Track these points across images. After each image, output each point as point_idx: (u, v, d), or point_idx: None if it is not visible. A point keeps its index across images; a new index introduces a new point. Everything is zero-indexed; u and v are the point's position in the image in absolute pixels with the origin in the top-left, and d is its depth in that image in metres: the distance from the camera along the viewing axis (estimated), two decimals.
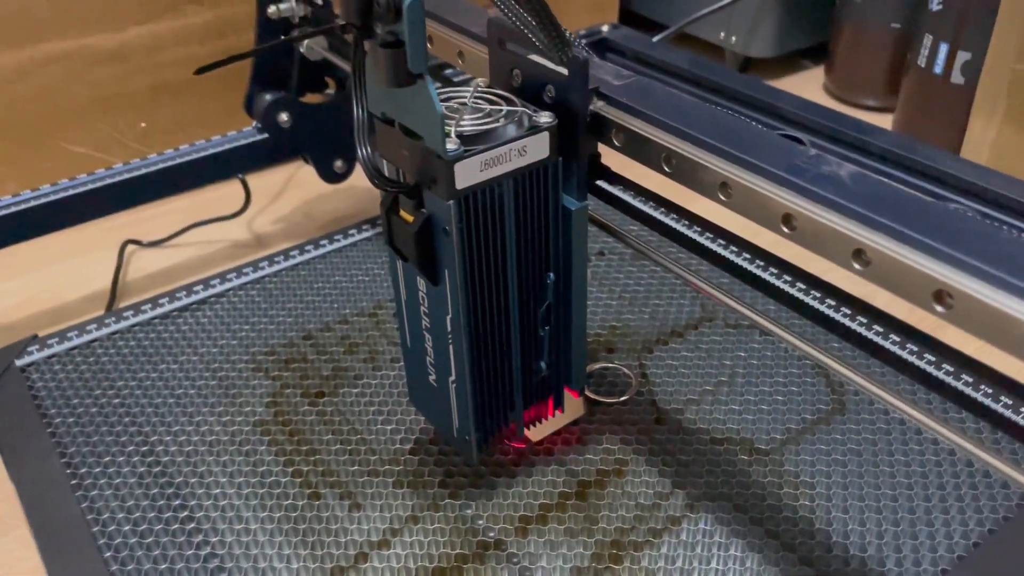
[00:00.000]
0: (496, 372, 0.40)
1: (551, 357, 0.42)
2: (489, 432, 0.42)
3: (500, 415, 0.42)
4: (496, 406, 0.41)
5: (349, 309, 0.57)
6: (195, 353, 0.53)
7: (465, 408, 0.40)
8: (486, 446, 0.42)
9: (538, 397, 0.44)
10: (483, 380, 0.40)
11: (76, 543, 0.42)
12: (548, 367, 0.43)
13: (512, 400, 0.42)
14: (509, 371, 0.41)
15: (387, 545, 0.42)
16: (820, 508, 0.43)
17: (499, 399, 0.41)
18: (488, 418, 0.41)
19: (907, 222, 0.28)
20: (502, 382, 0.41)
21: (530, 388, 0.43)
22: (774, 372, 0.51)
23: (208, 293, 0.58)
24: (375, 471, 0.45)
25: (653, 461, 0.45)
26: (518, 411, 0.43)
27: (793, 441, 0.46)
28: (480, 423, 0.41)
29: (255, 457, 0.46)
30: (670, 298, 0.57)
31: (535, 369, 0.42)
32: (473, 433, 0.41)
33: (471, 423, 0.41)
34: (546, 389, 0.44)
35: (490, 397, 0.41)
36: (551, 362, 0.43)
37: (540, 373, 0.43)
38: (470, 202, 0.34)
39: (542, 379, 0.43)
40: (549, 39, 0.33)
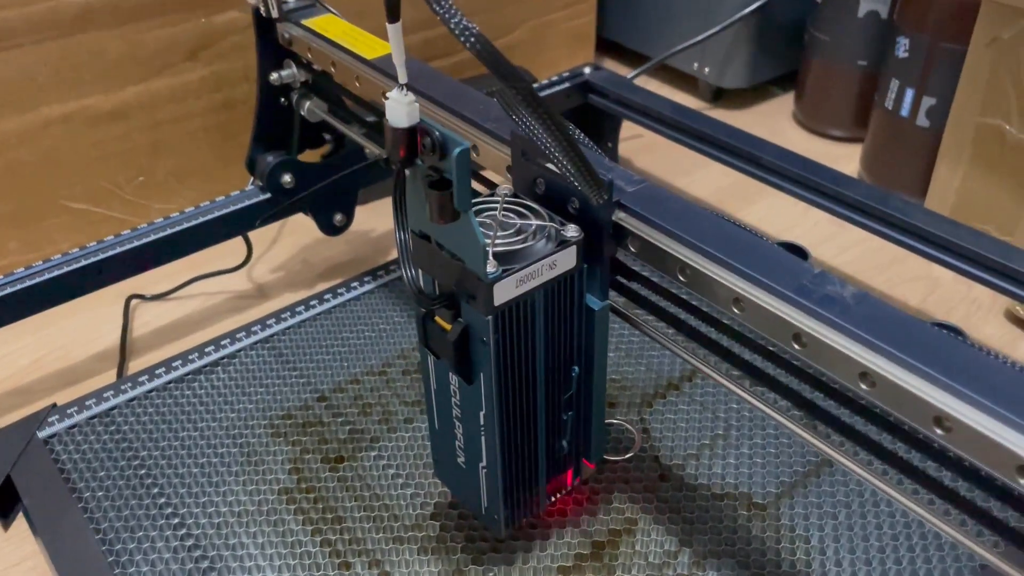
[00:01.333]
0: (524, 457, 0.43)
1: (572, 436, 0.45)
2: (516, 508, 0.45)
3: (526, 492, 0.45)
4: (523, 486, 0.44)
5: (359, 368, 0.59)
6: (213, 419, 0.55)
7: (496, 491, 0.43)
8: (513, 521, 0.45)
9: (559, 470, 0.47)
10: (511, 465, 0.42)
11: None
12: (569, 444, 0.46)
13: (537, 478, 0.45)
14: (535, 454, 0.44)
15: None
16: (816, 562, 0.46)
17: (526, 479, 0.44)
18: (515, 496, 0.44)
19: (908, 349, 0.31)
20: (529, 465, 0.44)
21: (552, 465, 0.46)
22: (766, 424, 0.54)
23: (220, 355, 0.60)
24: (400, 538, 0.48)
25: (660, 519, 0.49)
26: (541, 487, 0.46)
27: (787, 494, 0.50)
28: (508, 501, 0.44)
29: (283, 527, 0.49)
30: (663, 350, 0.60)
31: (557, 448, 0.45)
32: (502, 512, 0.44)
33: (500, 502, 0.43)
34: (566, 463, 0.47)
35: (518, 479, 0.43)
36: (572, 439, 0.46)
37: (563, 451, 0.46)
38: (506, 315, 0.37)
39: (564, 455, 0.46)
40: (584, 182, 0.36)
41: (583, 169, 0.35)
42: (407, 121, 0.32)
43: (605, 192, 0.36)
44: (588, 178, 0.35)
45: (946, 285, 0.68)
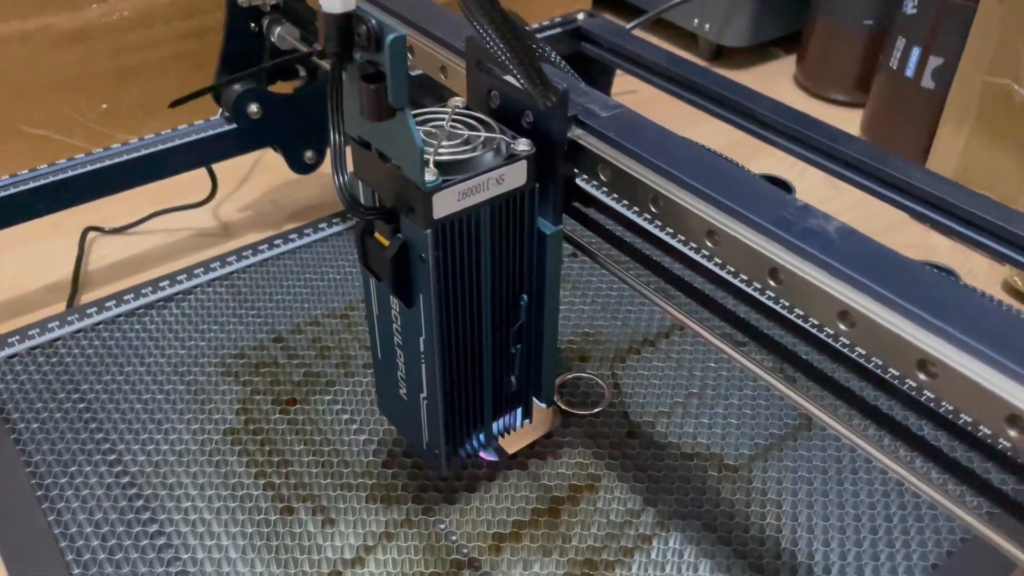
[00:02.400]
0: (467, 389, 0.40)
1: (522, 372, 0.43)
2: (459, 445, 0.42)
3: (470, 428, 0.42)
4: (466, 420, 0.41)
5: (320, 310, 0.56)
6: (162, 355, 0.52)
7: (436, 423, 0.40)
8: (456, 459, 0.43)
9: (507, 408, 0.44)
10: (454, 397, 0.40)
11: (44, 559, 0.41)
12: (518, 381, 0.43)
13: (482, 414, 0.42)
14: (480, 388, 0.41)
15: (361, 563, 0.42)
16: (787, 527, 0.44)
17: (469, 414, 0.41)
18: (458, 432, 0.41)
19: (893, 286, 0.28)
20: (473, 398, 0.41)
21: (500, 402, 0.43)
22: (743, 385, 0.51)
23: (175, 290, 0.57)
24: (348, 484, 0.45)
25: (625, 477, 0.46)
26: (487, 424, 0.43)
27: (761, 457, 0.47)
28: (450, 437, 0.41)
29: (226, 468, 0.46)
30: (642, 305, 0.57)
31: (505, 384, 0.42)
32: (443, 447, 0.41)
33: (441, 437, 0.41)
34: (515, 402, 0.44)
35: (460, 412, 0.41)
36: (521, 376, 0.43)
37: (511, 388, 0.43)
38: (447, 230, 0.34)
39: (512, 394, 0.43)
40: (531, 83, 0.33)
41: (530, 68, 0.32)
42: (341, 6, 0.29)
43: (553, 94, 0.33)
44: (535, 78, 0.32)
45: (943, 254, 0.65)
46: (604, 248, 0.42)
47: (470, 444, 0.43)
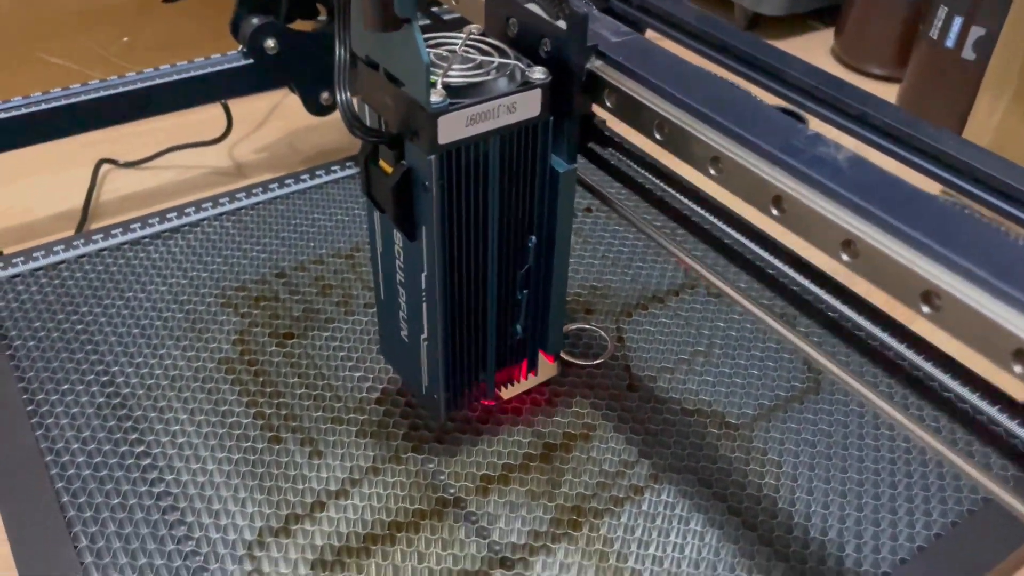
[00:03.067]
0: (469, 333, 0.39)
1: (528, 321, 0.41)
2: (458, 392, 0.41)
3: (471, 375, 0.41)
4: (467, 366, 0.40)
5: (326, 249, 0.55)
6: (164, 283, 0.52)
7: (435, 367, 0.39)
8: (454, 405, 0.42)
9: (511, 359, 0.43)
10: (455, 340, 0.38)
11: (29, 474, 0.41)
12: (524, 331, 0.42)
13: (484, 361, 0.41)
14: (483, 333, 0.40)
15: (345, 495, 0.41)
16: (785, 488, 0.42)
17: (471, 359, 0.40)
18: (458, 377, 0.40)
19: (901, 216, 0.27)
20: (475, 343, 0.40)
21: (504, 350, 0.42)
22: (752, 346, 0.50)
23: (182, 221, 0.56)
24: (339, 419, 0.45)
25: (621, 428, 0.45)
26: (490, 373, 0.42)
27: (764, 417, 0.46)
28: (449, 382, 0.40)
29: (217, 396, 0.45)
30: (654, 262, 0.55)
31: (510, 332, 0.41)
32: (442, 392, 0.40)
33: (440, 382, 0.40)
34: (520, 352, 0.43)
35: (461, 357, 0.40)
36: (527, 326, 0.42)
37: (515, 336, 0.42)
38: (453, 158, 0.33)
39: (517, 342, 0.42)
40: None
41: None
42: None
43: (567, 7, 0.32)
44: None
45: None
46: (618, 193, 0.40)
47: (470, 392, 0.42)
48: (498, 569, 0.38)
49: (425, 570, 0.38)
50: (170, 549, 0.38)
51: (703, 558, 0.39)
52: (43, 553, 0.38)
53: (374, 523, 0.40)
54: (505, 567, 0.39)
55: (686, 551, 0.39)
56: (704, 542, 0.40)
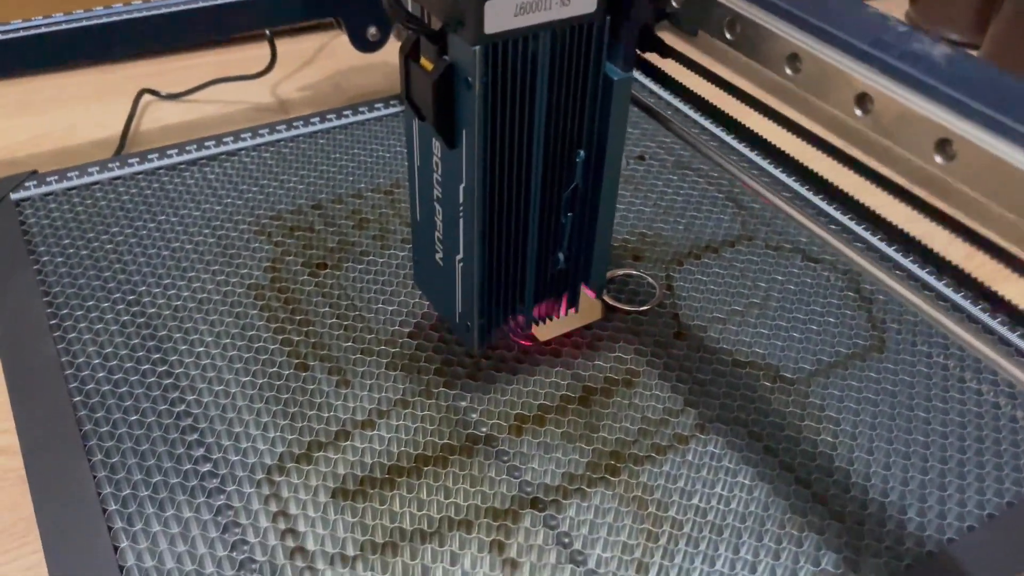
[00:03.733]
0: (508, 256, 0.36)
1: (571, 249, 0.39)
2: (494, 322, 0.39)
3: (508, 305, 0.38)
4: (504, 294, 0.38)
5: (365, 184, 0.53)
6: (197, 208, 0.50)
7: (470, 291, 0.37)
8: (489, 336, 0.39)
9: (551, 292, 0.40)
10: (492, 262, 0.36)
11: (46, 385, 0.39)
12: (566, 260, 0.39)
13: (523, 290, 0.38)
14: (522, 258, 0.37)
15: (371, 426, 0.39)
16: (843, 446, 0.39)
17: (508, 287, 0.38)
18: (494, 306, 0.38)
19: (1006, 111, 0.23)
20: (513, 268, 0.37)
21: (544, 280, 0.39)
22: (812, 301, 0.46)
23: (220, 150, 0.55)
24: (369, 350, 0.42)
25: (667, 376, 0.42)
26: (528, 303, 0.39)
27: (823, 373, 0.43)
28: (485, 309, 0.38)
29: (245, 320, 0.44)
30: (709, 212, 0.52)
31: (552, 260, 0.38)
32: (476, 320, 0.38)
33: (475, 308, 0.37)
34: (561, 285, 0.40)
35: (498, 283, 0.37)
36: (570, 255, 0.39)
37: (557, 265, 0.39)
38: (499, 51, 0.30)
39: (558, 273, 0.39)
40: None
41: None
42: None
43: None
44: None
45: None
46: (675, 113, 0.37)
47: (505, 322, 0.40)
48: (529, 510, 0.36)
49: (451, 506, 0.36)
50: (186, 468, 0.37)
51: (750, 512, 0.36)
52: (56, 466, 0.36)
53: (400, 455, 0.38)
54: (536, 508, 0.36)
55: (732, 504, 0.36)
56: (752, 496, 0.37)
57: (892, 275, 0.29)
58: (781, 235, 0.51)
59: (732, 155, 0.56)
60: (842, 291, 0.47)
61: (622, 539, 0.35)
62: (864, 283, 0.48)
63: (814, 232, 0.31)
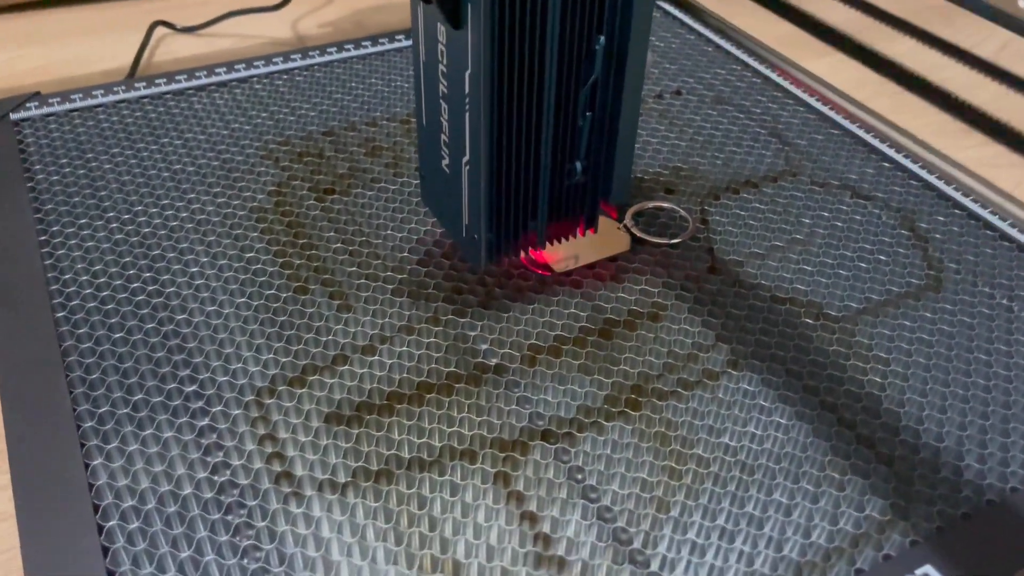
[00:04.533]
0: (519, 160, 0.33)
1: (589, 158, 0.35)
2: (503, 237, 0.35)
3: (519, 219, 0.35)
4: (515, 205, 0.34)
5: (380, 112, 0.50)
6: (203, 132, 0.48)
7: (477, 197, 0.33)
8: (497, 253, 0.36)
9: (568, 210, 0.37)
10: (501, 165, 0.33)
11: (29, 297, 0.37)
12: (584, 171, 0.35)
13: (535, 203, 0.35)
14: (535, 163, 0.34)
15: (372, 351, 0.36)
16: (893, 387, 0.35)
17: (519, 197, 0.34)
18: (503, 217, 0.34)
19: None
20: (525, 174, 0.34)
21: (559, 193, 0.36)
22: (861, 238, 0.42)
23: (230, 76, 0.52)
24: (374, 275, 0.39)
25: (698, 311, 0.38)
26: (541, 217, 0.36)
27: (871, 312, 0.38)
28: (493, 221, 0.34)
29: (244, 243, 0.41)
30: (751, 147, 0.48)
31: (568, 169, 0.35)
32: (484, 232, 0.34)
33: (482, 219, 0.34)
34: (578, 201, 0.37)
35: (508, 191, 0.34)
36: (588, 165, 0.35)
37: (574, 176, 0.35)
38: None
39: (575, 188, 0.36)
40: None
41: None
42: None
43: None
44: None
45: None
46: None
47: (516, 240, 0.36)
48: (539, 442, 0.33)
49: (455, 435, 0.33)
50: (170, 387, 0.34)
51: (786, 453, 0.32)
52: (31, 380, 0.34)
53: (401, 382, 0.34)
54: (548, 440, 0.33)
55: (766, 444, 0.33)
56: (789, 436, 0.33)
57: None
58: (828, 171, 0.47)
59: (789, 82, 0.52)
60: (895, 229, 0.43)
61: (641, 475, 0.31)
62: (920, 222, 0.44)
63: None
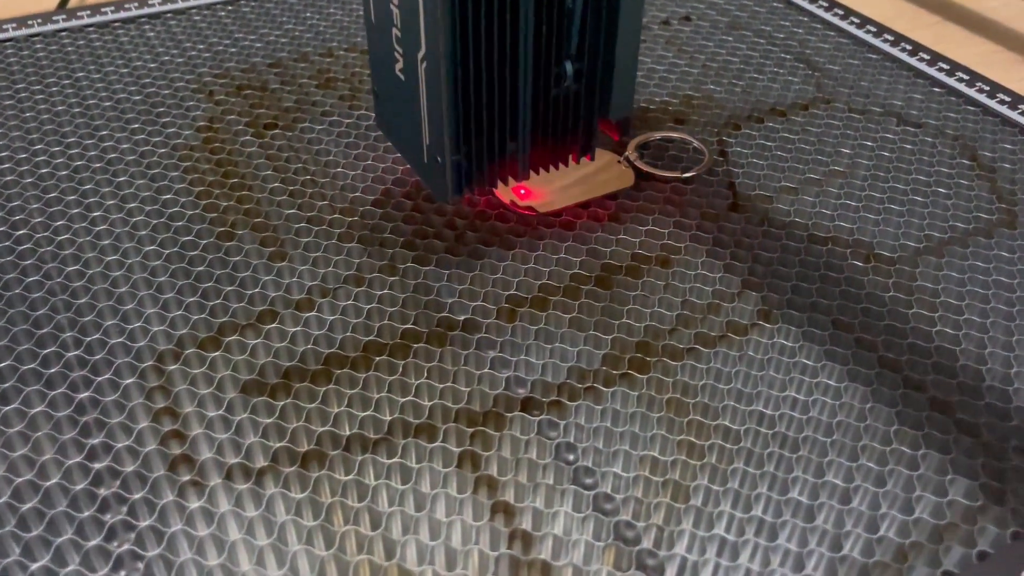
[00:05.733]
0: (490, 56, 0.26)
1: (584, 59, 0.28)
2: (473, 162, 0.28)
3: (493, 137, 0.28)
4: (487, 118, 0.27)
5: (339, 43, 0.43)
6: (127, 66, 0.40)
7: (438, 107, 0.26)
8: (467, 183, 0.28)
9: (557, 129, 0.29)
10: (467, 62, 0.25)
11: None
12: (577, 76, 0.28)
13: (514, 116, 0.28)
14: (512, 61, 0.26)
15: (309, 306, 0.28)
16: (971, 340, 0.27)
17: (492, 107, 0.27)
18: (473, 133, 0.27)
19: None
20: (499, 76, 0.26)
21: (544, 104, 0.28)
22: (915, 169, 0.35)
23: (165, 8, 0.45)
24: (319, 218, 0.32)
25: (718, 253, 0.31)
26: (523, 138, 0.28)
27: (934, 252, 0.31)
28: (459, 138, 0.27)
29: (161, 183, 0.33)
30: (775, 73, 0.41)
31: (557, 72, 0.27)
32: (448, 154, 0.27)
33: (446, 135, 0.26)
34: (570, 116, 0.29)
35: (478, 98, 0.26)
36: (583, 68, 0.28)
37: (564, 82, 0.28)
38: None
39: (566, 98, 0.29)
40: None
41: None
42: None
43: None
44: None
45: None
46: None
47: (491, 164, 0.29)
48: (517, 413, 0.25)
49: (409, 406, 0.25)
50: (48, 352, 0.26)
51: (839, 423, 0.25)
52: None
53: (343, 342, 0.27)
54: (530, 411, 0.25)
55: (812, 412, 0.25)
56: (842, 402, 0.25)
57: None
58: (868, 98, 0.39)
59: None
60: (953, 159, 0.36)
61: (652, 453, 0.24)
62: (983, 150, 0.36)
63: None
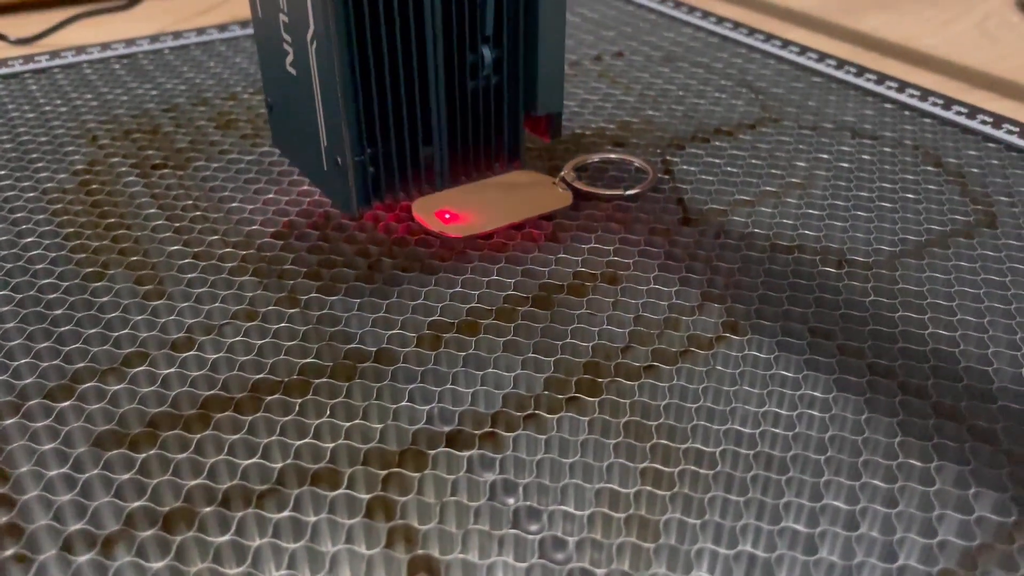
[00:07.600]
0: (391, 39, 0.22)
1: (502, 48, 0.24)
2: (382, 167, 0.24)
3: (403, 137, 0.24)
4: (394, 117, 0.23)
5: (244, 86, 0.39)
6: (3, 116, 0.36)
7: (333, 97, 0.22)
8: (375, 192, 0.24)
9: (476, 129, 0.26)
10: (364, 40, 0.21)
11: None
12: (497, 65, 0.24)
13: (425, 107, 0.24)
14: (419, 42, 0.23)
15: (189, 345, 0.23)
16: (970, 340, 0.24)
17: (399, 100, 0.23)
18: (379, 136, 0.23)
19: None
20: (405, 65, 0.22)
21: (461, 98, 0.25)
22: (878, 178, 0.32)
23: (54, 63, 0.41)
24: (207, 253, 0.27)
25: (672, 267, 0.27)
26: (440, 138, 0.24)
27: (912, 254, 0.27)
28: (362, 136, 0.23)
29: (23, 227, 0.29)
30: (716, 98, 0.38)
31: (473, 60, 0.24)
32: (350, 154, 0.23)
33: (344, 130, 0.22)
34: (491, 112, 0.26)
35: (381, 90, 0.22)
36: (502, 56, 0.24)
37: (482, 71, 0.24)
38: None
39: (485, 91, 0.25)
40: None
41: None
42: None
43: None
44: None
45: None
46: None
47: (404, 171, 0.25)
48: (442, 449, 0.20)
49: (305, 449, 0.20)
50: None
51: (833, 438, 0.20)
52: None
53: (227, 382, 0.22)
54: (457, 447, 0.20)
55: (800, 427, 0.21)
56: (834, 414, 0.21)
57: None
58: (818, 115, 0.37)
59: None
60: (916, 167, 0.33)
61: (609, 486, 0.19)
62: (947, 157, 0.33)
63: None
